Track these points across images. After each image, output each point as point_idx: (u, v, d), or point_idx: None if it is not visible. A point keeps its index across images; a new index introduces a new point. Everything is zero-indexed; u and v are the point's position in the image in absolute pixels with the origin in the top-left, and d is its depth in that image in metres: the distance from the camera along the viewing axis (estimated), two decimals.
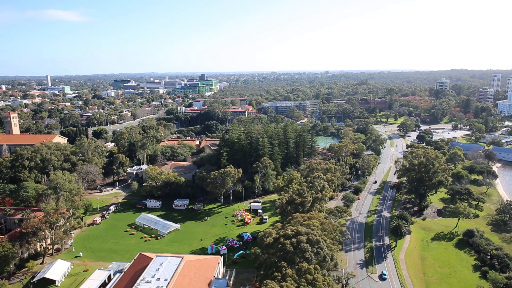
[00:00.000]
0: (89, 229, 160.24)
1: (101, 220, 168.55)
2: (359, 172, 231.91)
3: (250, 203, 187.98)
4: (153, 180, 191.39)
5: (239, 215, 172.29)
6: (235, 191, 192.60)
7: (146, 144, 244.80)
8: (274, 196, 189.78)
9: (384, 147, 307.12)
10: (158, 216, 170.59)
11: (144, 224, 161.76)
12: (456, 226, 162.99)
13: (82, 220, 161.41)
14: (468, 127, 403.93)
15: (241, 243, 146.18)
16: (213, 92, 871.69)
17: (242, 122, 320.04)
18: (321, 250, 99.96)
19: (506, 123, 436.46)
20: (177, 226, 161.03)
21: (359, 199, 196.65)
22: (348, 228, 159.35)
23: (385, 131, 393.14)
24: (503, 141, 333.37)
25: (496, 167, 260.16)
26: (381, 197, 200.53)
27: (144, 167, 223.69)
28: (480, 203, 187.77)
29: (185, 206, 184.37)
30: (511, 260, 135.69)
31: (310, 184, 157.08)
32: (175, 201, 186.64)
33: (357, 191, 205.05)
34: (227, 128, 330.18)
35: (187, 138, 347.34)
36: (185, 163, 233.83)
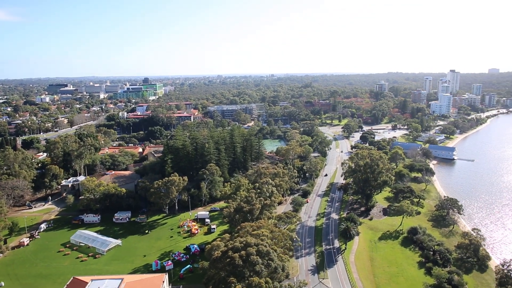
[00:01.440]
0: (14, 253, 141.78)
1: (30, 241, 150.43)
2: (307, 174, 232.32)
3: (207, 210, 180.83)
4: (91, 192, 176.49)
5: (185, 226, 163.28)
6: (180, 200, 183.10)
7: (83, 153, 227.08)
8: (222, 204, 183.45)
9: (330, 148, 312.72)
10: (96, 232, 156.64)
11: (80, 242, 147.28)
12: (400, 224, 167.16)
13: (5, 243, 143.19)
14: (406, 127, 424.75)
15: (187, 256, 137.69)
16: (157, 97, 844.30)
17: (188, 127, 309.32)
18: (271, 262, 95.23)
19: (439, 122, 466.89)
20: (118, 242, 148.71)
21: (307, 202, 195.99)
22: (298, 233, 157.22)
23: (331, 133, 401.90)
24: (437, 139, 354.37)
25: (432, 164, 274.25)
26: (329, 199, 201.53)
27: (81, 178, 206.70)
28: (421, 200, 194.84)
29: (127, 219, 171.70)
30: (451, 254, 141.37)
31: (259, 190, 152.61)
32: (115, 215, 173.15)
33: (305, 194, 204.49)
34: (172, 134, 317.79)
35: (130, 145, 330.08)
36: (126, 173, 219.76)
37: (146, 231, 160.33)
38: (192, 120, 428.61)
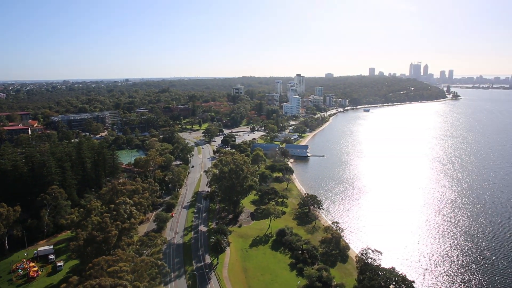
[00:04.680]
0: None
1: None
2: (170, 185, 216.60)
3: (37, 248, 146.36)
4: None
5: (20, 269, 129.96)
6: (13, 236, 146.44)
7: None
8: (70, 233, 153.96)
9: (193, 155, 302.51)
10: None
11: None
12: (269, 227, 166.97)
13: None
14: (263, 128, 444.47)
15: None
16: None
17: (22, 143, 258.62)
18: None
19: (291, 122, 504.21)
20: None
21: (173, 216, 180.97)
22: (165, 254, 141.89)
23: (193, 138, 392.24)
24: (292, 138, 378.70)
25: (290, 163, 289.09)
26: (195, 210, 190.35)
27: None
28: (284, 199, 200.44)
29: None
30: (318, 251, 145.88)
31: (115, 213, 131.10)
32: None
33: (169, 207, 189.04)
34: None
35: None
36: None
37: None
38: (30, 134, 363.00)
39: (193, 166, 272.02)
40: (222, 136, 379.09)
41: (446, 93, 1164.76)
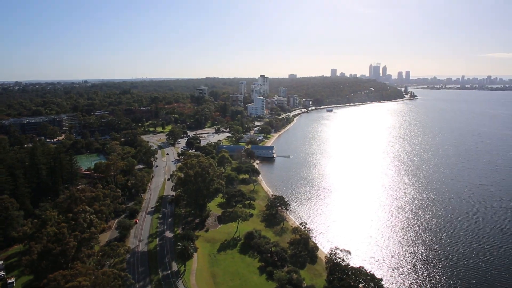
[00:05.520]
0: None
1: None
2: (133, 191, 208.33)
3: None
4: None
5: None
6: None
7: None
8: (22, 247, 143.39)
9: (156, 158, 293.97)
10: None
11: None
12: (237, 231, 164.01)
13: None
14: (228, 130, 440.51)
15: None
16: None
17: None
18: None
19: (256, 123, 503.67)
20: None
21: (136, 223, 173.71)
22: (129, 264, 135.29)
23: (156, 141, 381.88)
24: (257, 139, 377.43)
25: (256, 164, 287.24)
26: (160, 216, 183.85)
27: None
28: (251, 201, 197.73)
29: None
30: (287, 253, 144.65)
31: (73, 222, 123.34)
32: None
33: (133, 214, 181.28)
34: None
35: None
36: None
37: None
38: None
39: (157, 166, 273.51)
40: (187, 138, 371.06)
41: (404, 93, 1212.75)
